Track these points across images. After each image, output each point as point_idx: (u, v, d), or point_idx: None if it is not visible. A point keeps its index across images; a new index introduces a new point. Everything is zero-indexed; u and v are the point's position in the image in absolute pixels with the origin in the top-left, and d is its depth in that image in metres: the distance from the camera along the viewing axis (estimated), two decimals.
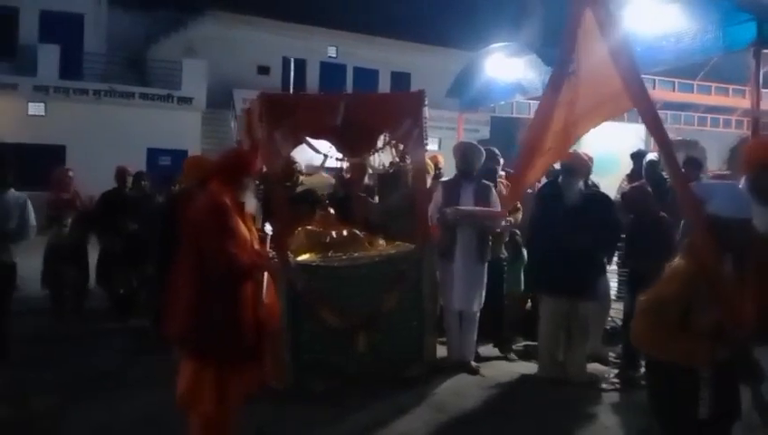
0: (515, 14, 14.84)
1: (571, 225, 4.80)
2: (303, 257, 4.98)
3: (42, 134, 17.34)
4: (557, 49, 4.04)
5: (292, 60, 20.81)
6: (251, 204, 3.67)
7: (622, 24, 3.07)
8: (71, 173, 7.43)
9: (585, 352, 5.18)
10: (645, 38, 6.01)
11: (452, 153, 5.52)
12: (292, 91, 20.80)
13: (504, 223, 5.37)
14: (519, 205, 5.73)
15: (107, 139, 17.03)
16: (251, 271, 3.47)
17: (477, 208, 5.19)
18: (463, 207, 5.15)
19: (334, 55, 22.66)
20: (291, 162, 6.26)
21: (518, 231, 5.98)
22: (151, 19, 21.96)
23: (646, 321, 2.52)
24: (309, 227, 5.35)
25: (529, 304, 6.31)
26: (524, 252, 5.93)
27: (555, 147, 3.75)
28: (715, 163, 14.70)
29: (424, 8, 23.48)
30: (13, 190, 5.35)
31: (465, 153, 5.41)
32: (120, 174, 7.66)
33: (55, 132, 17.52)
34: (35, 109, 18.03)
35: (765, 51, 6.16)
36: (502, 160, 6.51)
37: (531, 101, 11.51)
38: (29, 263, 5.52)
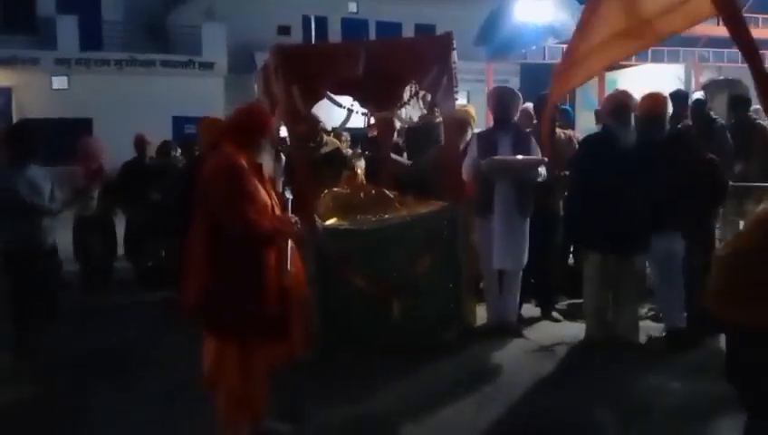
0: None
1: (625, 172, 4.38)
2: (331, 222, 4.69)
3: (67, 108, 17.24)
4: None
5: (313, 17, 20.27)
6: (269, 166, 3.38)
7: None
8: (98, 143, 7.23)
9: (637, 310, 4.82)
10: None
11: (486, 101, 5.12)
12: None
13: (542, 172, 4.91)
14: None
15: (132, 109, 16.84)
16: (272, 237, 3.21)
17: (514, 157, 4.80)
18: (498, 157, 4.77)
19: (355, 11, 21.97)
20: (314, 121, 5.94)
21: None
22: None
23: (726, 277, 2.16)
24: (335, 190, 5.05)
25: (570, 259, 5.93)
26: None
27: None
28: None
29: None
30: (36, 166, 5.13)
31: (501, 98, 4.99)
32: (139, 142, 7.42)
33: (80, 105, 17.39)
34: (59, 83, 17.94)
35: None
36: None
37: (564, 45, 10.95)
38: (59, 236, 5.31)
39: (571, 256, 5.91)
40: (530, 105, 5.88)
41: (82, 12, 18.34)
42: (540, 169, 4.81)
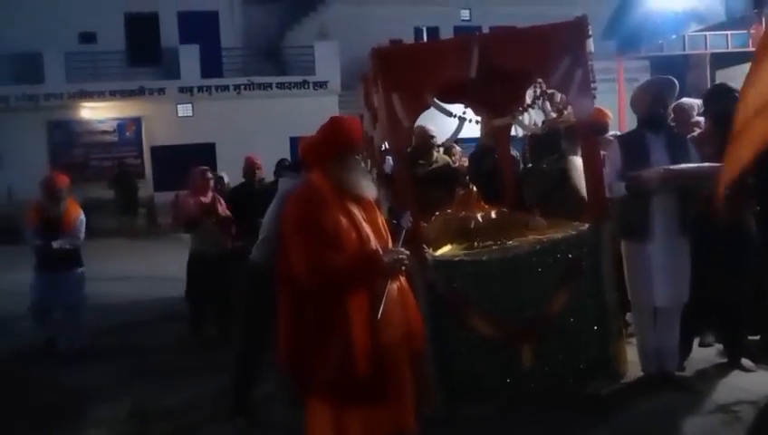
0: None
1: None
2: (443, 251, 3.95)
3: (192, 134, 17.88)
4: None
5: (425, 29, 19.78)
6: (369, 188, 2.79)
7: None
8: (209, 175, 6.85)
9: None
10: None
11: (633, 97, 4.17)
12: None
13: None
14: None
15: (251, 132, 17.09)
16: (348, 279, 2.59)
17: (688, 166, 3.82)
18: (673, 167, 3.81)
19: (467, 18, 21.17)
20: (426, 134, 5.24)
21: None
22: (283, 8, 21.99)
23: None
24: (448, 212, 4.30)
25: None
26: None
27: None
28: None
29: None
30: None
31: (657, 92, 4.02)
32: (248, 166, 6.99)
33: (204, 131, 17.98)
34: (184, 110, 18.66)
35: None
36: (690, 102, 5.00)
37: (708, 33, 9.58)
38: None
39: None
40: (689, 101, 4.85)
41: (203, 41, 19.01)
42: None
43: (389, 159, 4.47)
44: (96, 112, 18.24)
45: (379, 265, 2.64)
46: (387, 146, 4.20)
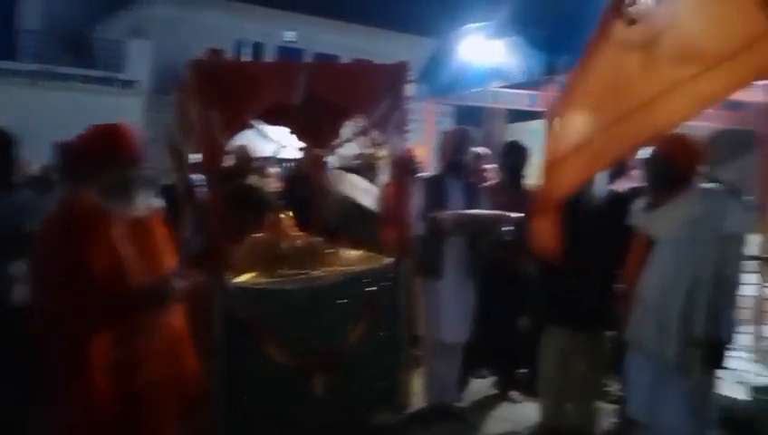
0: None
1: (590, 236, 3.75)
2: (247, 277, 3.84)
3: None
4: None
5: (248, 43, 19.45)
6: (145, 205, 2.56)
7: None
8: None
9: (598, 395, 4.18)
10: None
11: (441, 143, 4.47)
12: None
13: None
14: None
15: (44, 127, 15.33)
16: (114, 316, 2.34)
17: (482, 213, 4.14)
18: (468, 212, 4.09)
19: (293, 39, 21.22)
20: (247, 155, 5.13)
21: None
22: None
23: None
24: (255, 236, 4.21)
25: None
26: None
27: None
28: None
29: None
30: None
31: (460, 142, 4.34)
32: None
33: None
34: None
35: None
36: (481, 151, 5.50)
37: (510, 90, 10.57)
38: None
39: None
40: (481, 150, 5.32)
41: None
42: (504, 225, 4.15)
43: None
44: None
45: (140, 299, 2.40)
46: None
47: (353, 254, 4.31)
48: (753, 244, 5.69)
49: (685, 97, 1.72)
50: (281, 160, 5.32)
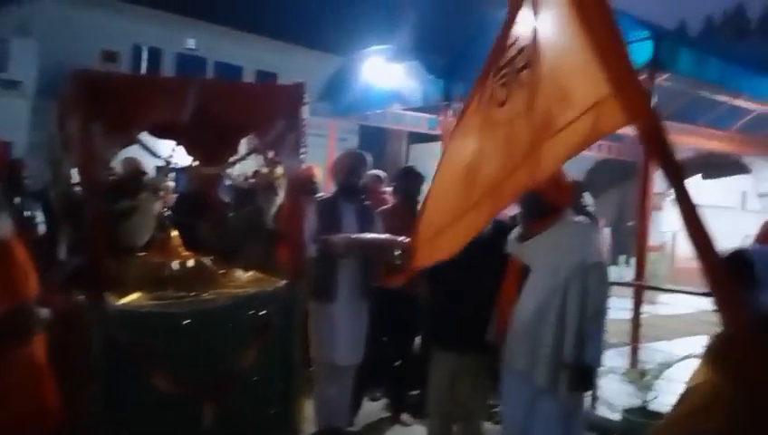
0: (392, 20, 14.14)
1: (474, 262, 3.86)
2: (131, 299, 3.65)
3: None
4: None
5: (145, 48, 18.72)
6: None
7: None
8: None
9: (484, 416, 4.29)
10: None
11: (334, 165, 4.47)
12: None
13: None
14: None
15: None
16: None
17: (374, 237, 4.16)
18: (359, 236, 4.10)
19: (193, 47, 20.62)
20: (137, 167, 4.89)
21: None
22: None
23: None
24: (142, 255, 4.03)
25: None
26: None
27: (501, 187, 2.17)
28: None
29: (293, 7, 22.31)
30: None
31: (351, 164, 4.36)
32: None
33: None
34: None
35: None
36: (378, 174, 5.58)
37: (408, 112, 10.79)
38: None
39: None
40: (378, 172, 5.38)
41: None
42: (395, 249, 4.19)
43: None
44: None
45: None
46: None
47: (245, 275, 4.21)
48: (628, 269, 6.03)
49: (544, 155, 1.85)
50: (173, 175, 5.11)
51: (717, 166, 12.67)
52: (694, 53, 6.07)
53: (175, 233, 4.28)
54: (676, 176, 1.43)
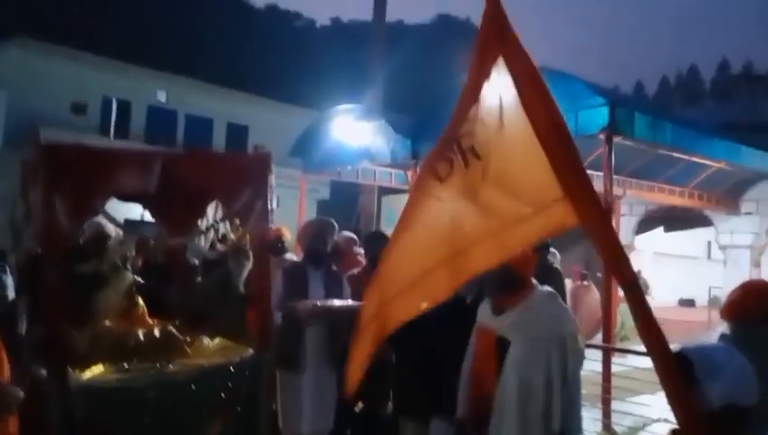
0: (360, 76, 14.45)
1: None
2: (93, 372, 3.57)
3: None
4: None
5: (115, 100, 18.70)
6: None
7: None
8: None
9: None
10: None
11: (301, 231, 4.49)
12: (113, 134, 18.65)
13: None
14: None
15: None
16: None
17: (340, 303, 4.15)
18: (323, 303, 4.09)
19: (164, 100, 20.64)
20: (101, 231, 4.80)
21: None
22: None
23: None
24: (106, 325, 3.95)
25: None
26: None
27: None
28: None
29: (264, 61, 22.65)
30: None
31: (317, 232, 4.39)
32: None
33: None
34: None
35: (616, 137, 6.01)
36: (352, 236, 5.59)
37: (378, 168, 10.95)
38: None
39: None
40: (350, 234, 5.41)
41: None
42: None
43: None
44: None
45: None
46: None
47: (212, 344, 4.15)
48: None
49: (489, 248, 1.90)
50: (138, 240, 5.06)
51: (680, 219, 13.03)
52: (648, 118, 6.32)
53: (140, 301, 4.23)
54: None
